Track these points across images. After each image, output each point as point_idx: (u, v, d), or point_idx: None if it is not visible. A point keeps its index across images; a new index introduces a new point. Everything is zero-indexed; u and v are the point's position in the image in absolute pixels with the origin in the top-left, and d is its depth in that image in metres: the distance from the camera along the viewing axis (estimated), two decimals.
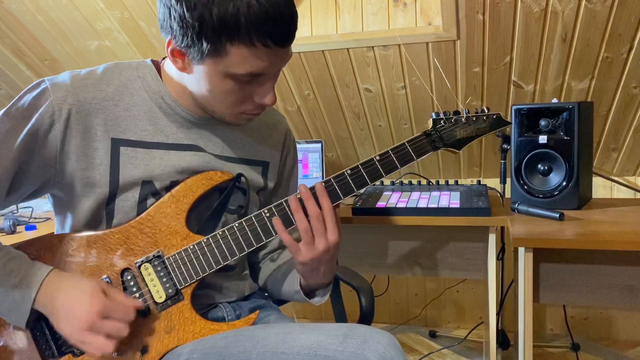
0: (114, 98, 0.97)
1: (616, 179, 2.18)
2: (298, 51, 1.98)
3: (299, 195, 0.96)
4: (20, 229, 1.78)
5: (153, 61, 1.03)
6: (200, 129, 1.03)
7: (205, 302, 1.06)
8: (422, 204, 1.63)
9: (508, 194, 1.74)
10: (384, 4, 1.90)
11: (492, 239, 1.60)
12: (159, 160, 0.98)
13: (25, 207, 2.04)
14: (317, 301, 1.07)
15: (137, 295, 0.96)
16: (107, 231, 0.97)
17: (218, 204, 1.03)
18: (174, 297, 0.97)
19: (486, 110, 1.08)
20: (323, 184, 0.97)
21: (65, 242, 0.96)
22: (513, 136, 1.64)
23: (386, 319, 2.60)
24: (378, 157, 1.01)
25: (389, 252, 1.75)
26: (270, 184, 1.14)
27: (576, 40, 1.76)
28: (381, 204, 1.66)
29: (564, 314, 2.12)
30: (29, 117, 0.92)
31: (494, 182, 2.12)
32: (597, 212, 1.57)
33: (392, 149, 1.01)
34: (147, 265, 0.96)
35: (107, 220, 0.98)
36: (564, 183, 1.58)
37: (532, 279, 1.38)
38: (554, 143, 1.58)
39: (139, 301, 0.94)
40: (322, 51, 1.98)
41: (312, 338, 0.87)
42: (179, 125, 1.01)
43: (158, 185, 0.98)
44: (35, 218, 1.93)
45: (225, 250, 0.98)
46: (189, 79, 0.95)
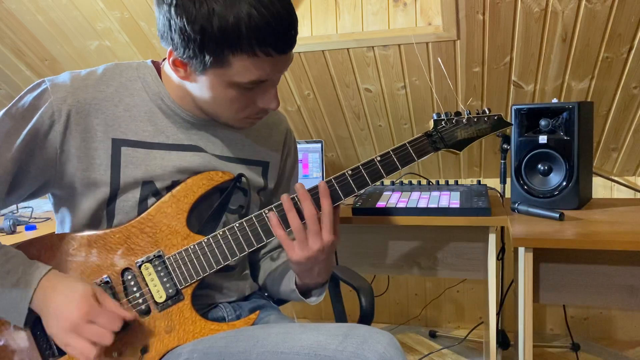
0: (114, 99, 0.97)
1: (616, 179, 2.18)
2: (298, 51, 1.98)
3: (295, 194, 0.96)
4: (20, 229, 1.78)
5: (153, 62, 1.03)
6: (200, 129, 1.03)
7: (205, 302, 1.06)
8: (422, 204, 1.63)
9: (508, 194, 1.74)
10: (384, 4, 1.90)
11: (492, 239, 1.60)
12: (160, 160, 0.98)
13: (25, 207, 2.04)
14: (313, 301, 1.07)
15: (137, 295, 0.96)
16: (108, 231, 0.97)
17: (219, 204, 1.03)
18: (174, 297, 0.97)
19: (487, 111, 1.07)
20: (326, 184, 0.97)
21: (65, 242, 0.96)
22: (513, 136, 1.64)
23: (386, 319, 2.60)
24: (379, 158, 1.01)
25: (389, 252, 1.75)
26: (271, 184, 1.14)
27: (576, 40, 1.76)
28: (381, 204, 1.67)
29: (564, 314, 2.13)
30: (29, 117, 0.92)
31: (494, 182, 2.12)
32: (597, 212, 1.57)
33: (393, 150, 1.01)
34: (148, 265, 0.96)
35: (108, 220, 0.98)
36: (564, 183, 1.58)
37: (532, 279, 1.38)
38: (554, 143, 1.58)
39: (129, 313, 0.90)
40: (322, 51, 1.98)
41: (312, 338, 0.87)
42: (179, 126, 1.01)
43: (159, 185, 0.98)
44: (35, 218, 1.94)
45: (225, 250, 0.98)
46: (192, 86, 0.95)
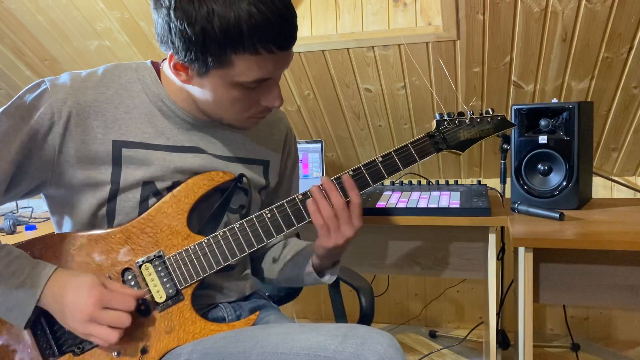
0: (114, 100, 0.97)
1: (616, 179, 2.18)
2: (298, 51, 1.98)
3: (322, 185, 0.97)
4: (20, 229, 1.78)
5: (153, 63, 1.03)
6: (201, 130, 1.03)
7: (205, 302, 1.06)
8: (422, 204, 1.63)
9: (508, 194, 1.74)
10: (384, 4, 1.90)
11: (492, 239, 1.60)
12: (161, 161, 0.98)
13: (25, 207, 2.04)
14: (327, 279, 1.09)
15: None
16: (109, 231, 0.97)
17: (220, 204, 1.03)
18: (175, 297, 0.97)
19: (490, 112, 1.07)
20: (352, 176, 0.98)
21: (66, 242, 0.96)
22: (513, 136, 1.64)
23: (386, 319, 2.60)
24: (380, 159, 1.01)
25: (389, 252, 1.75)
26: (272, 183, 1.14)
27: (576, 40, 1.76)
28: (381, 204, 1.67)
29: (564, 314, 2.13)
30: (28, 117, 0.91)
31: (494, 182, 2.12)
32: (597, 212, 1.57)
33: (394, 150, 1.01)
34: (148, 265, 0.96)
35: (108, 221, 0.98)
36: (564, 183, 1.58)
37: (532, 279, 1.38)
38: (554, 143, 1.58)
39: (139, 290, 0.94)
40: (322, 51, 1.98)
41: (312, 338, 0.87)
42: (179, 127, 1.01)
43: (159, 185, 0.98)
44: (35, 218, 1.93)
45: (225, 250, 0.98)
46: (194, 90, 0.95)
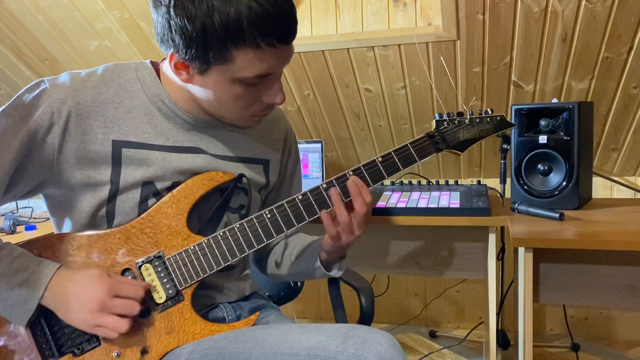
0: (114, 100, 0.97)
1: (616, 179, 2.18)
2: (298, 51, 1.98)
3: (347, 187, 0.98)
4: (20, 229, 1.78)
5: (152, 63, 1.03)
6: (201, 130, 1.03)
7: (205, 303, 1.06)
8: (422, 204, 1.63)
9: (508, 194, 1.74)
10: (384, 4, 1.90)
11: (492, 239, 1.59)
12: (161, 161, 0.98)
13: (25, 207, 2.04)
14: (334, 273, 1.10)
15: None
16: (108, 231, 0.97)
17: (219, 204, 1.03)
18: (175, 298, 0.97)
19: (490, 112, 1.07)
20: (360, 177, 1.00)
21: (65, 242, 0.95)
22: (513, 136, 1.64)
23: (386, 319, 2.60)
24: (380, 159, 1.01)
25: (389, 252, 1.75)
26: (272, 182, 1.14)
27: (576, 40, 1.76)
28: (381, 204, 1.66)
29: (564, 314, 2.13)
30: (28, 117, 0.91)
31: (494, 182, 2.12)
32: (597, 212, 1.57)
33: (394, 151, 1.01)
34: (148, 266, 0.96)
35: (108, 221, 0.98)
36: (564, 183, 1.58)
37: (532, 279, 1.38)
38: (554, 143, 1.58)
39: (145, 282, 0.94)
40: (322, 51, 1.98)
41: (312, 339, 0.87)
42: (179, 128, 1.01)
43: (159, 186, 0.98)
44: (35, 218, 1.93)
45: (225, 251, 0.98)
46: (195, 88, 0.94)
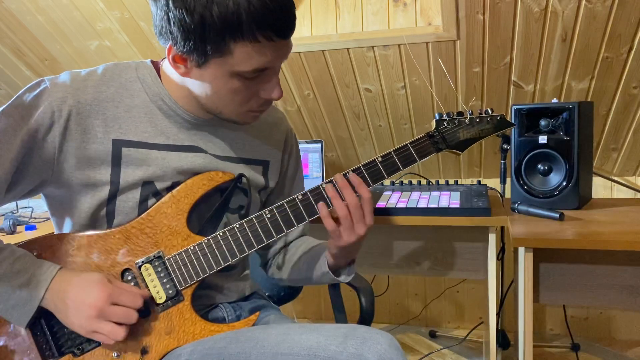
0: (114, 99, 0.97)
1: (616, 179, 2.18)
2: (298, 51, 1.98)
3: (335, 183, 0.97)
4: (20, 229, 1.78)
5: (153, 62, 1.03)
6: (201, 130, 1.03)
7: (205, 303, 1.06)
8: (422, 204, 1.63)
9: (508, 194, 1.74)
10: (384, 4, 1.90)
11: (492, 239, 1.59)
12: (161, 161, 0.98)
13: (25, 207, 2.04)
14: (343, 279, 1.09)
15: None
16: (108, 231, 0.97)
17: (219, 204, 1.03)
18: (174, 298, 0.97)
19: (490, 112, 1.07)
20: (359, 174, 0.99)
21: (65, 242, 0.95)
22: (513, 136, 1.64)
23: (386, 319, 2.60)
24: (380, 158, 1.01)
25: (389, 252, 1.75)
26: (272, 183, 1.14)
27: (576, 40, 1.76)
28: (381, 204, 1.66)
29: (564, 314, 2.13)
30: (28, 116, 0.91)
31: (494, 182, 2.12)
32: (597, 212, 1.57)
33: (394, 150, 1.01)
34: (148, 266, 0.96)
35: (108, 221, 0.98)
36: (564, 183, 1.58)
37: (532, 279, 1.38)
38: (554, 143, 1.58)
39: (144, 290, 0.94)
40: (322, 51, 1.98)
41: (312, 339, 0.87)
42: (180, 127, 1.01)
43: (159, 186, 0.98)
44: (35, 218, 1.93)
45: (225, 251, 0.98)
46: (193, 83, 0.94)
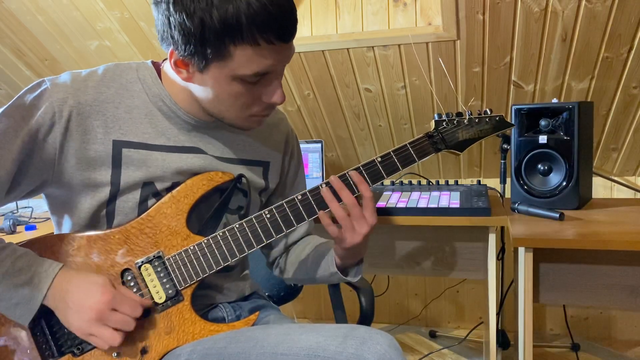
0: (115, 100, 0.97)
1: (616, 179, 2.18)
2: (298, 51, 1.98)
3: (331, 185, 0.97)
4: (20, 229, 1.78)
5: (154, 63, 1.02)
6: (201, 131, 1.03)
7: (205, 303, 1.07)
8: (422, 204, 1.63)
9: (508, 194, 1.74)
10: (384, 4, 1.90)
11: (492, 239, 1.59)
12: (161, 162, 0.98)
13: (25, 207, 2.04)
14: (351, 278, 1.09)
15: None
16: (108, 231, 0.97)
17: (219, 204, 1.03)
18: (174, 298, 0.97)
19: (489, 112, 1.07)
20: (359, 173, 0.98)
21: (65, 242, 0.96)
22: (513, 136, 1.63)
23: (386, 319, 2.60)
24: (379, 159, 1.01)
25: (389, 252, 1.74)
26: (272, 185, 1.14)
27: (576, 40, 1.76)
28: (381, 204, 1.66)
29: (564, 314, 2.13)
30: (29, 117, 0.91)
31: (494, 182, 2.12)
32: (597, 212, 1.57)
33: (393, 151, 1.01)
34: (147, 266, 0.96)
35: (108, 221, 0.98)
36: (564, 183, 1.58)
37: (532, 279, 1.38)
38: (554, 143, 1.58)
39: (147, 300, 0.94)
40: (322, 51, 1.98)
41: (312, 339, 0.87)
42: (180, 128, 1.01)
43: (159, 186, 0.98)
44: (35, 218, 1.93)
45: (225, 251, 0.98)
46: (195, 87, 0.94)
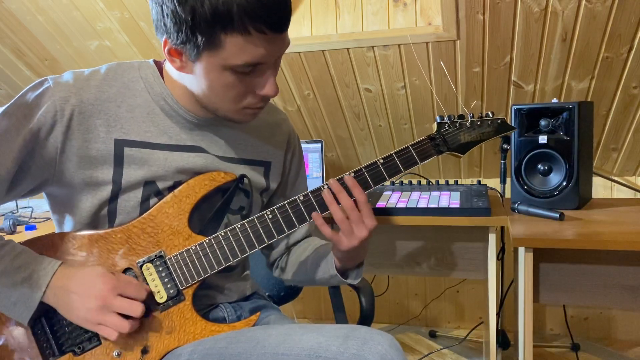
0: (117, 99, 0.97)
1: (616, 179, 2.18)
2: (298, 51, 1.98)
3: (329, 188, 0.97)
4: (20, 229, 1.78)
5: (155, 62, 1.02)
6: (202, 130, 1.03)
7: (206, 303, 1.07)
8: (422, 204, 1.63)
9: (508, 194, 1.74)
10: (384, 4, 1.90)
11: (492, 239, 1.59)
12: (163, 161, 0.98)
13: (25, 207, 2.04)
14: (351, 281, 1.09)
15: None
16: (109, 230, 0.97)
17: (220, 204, 1.03)
18: (175, 298, 0.97)
19: (490, 115, 1.08)
20: (354, 177, 0.99)
21: (66, 241, 0.96)
22: (513, 136, 1.64)
23: (386, 319, 2.60)
24: (382, 161, 1.01)
25: (389, 252, 1.75)
26: (273, 185, 1.14)
27: (576, 40, 1.76)
28: (381, 204, 1.67)
29: (564, 314, 2.13)
30: (31, 116, 0.91)
31: (494, 182, 2.12)
32: (597, 212, 1.57)
33: (396, 153, 1.01)
34: (149, 266, 0.96)
35: (110, 220, 0.98)
36: (564, 183, 1.58)
37: (532, 279, 1.38)
38: (554, 143, 1.58)
39: (148, 286, 0.95)
40: (322, 51, 1.98)
41: (313, 339, 0.87)
42: (182, 127, 1.01)
43: (161, 185, 0.98)
44: (35, 218, 1.93)
45: (227, 251, 0.98)
46: (189, 78, 0.94)
